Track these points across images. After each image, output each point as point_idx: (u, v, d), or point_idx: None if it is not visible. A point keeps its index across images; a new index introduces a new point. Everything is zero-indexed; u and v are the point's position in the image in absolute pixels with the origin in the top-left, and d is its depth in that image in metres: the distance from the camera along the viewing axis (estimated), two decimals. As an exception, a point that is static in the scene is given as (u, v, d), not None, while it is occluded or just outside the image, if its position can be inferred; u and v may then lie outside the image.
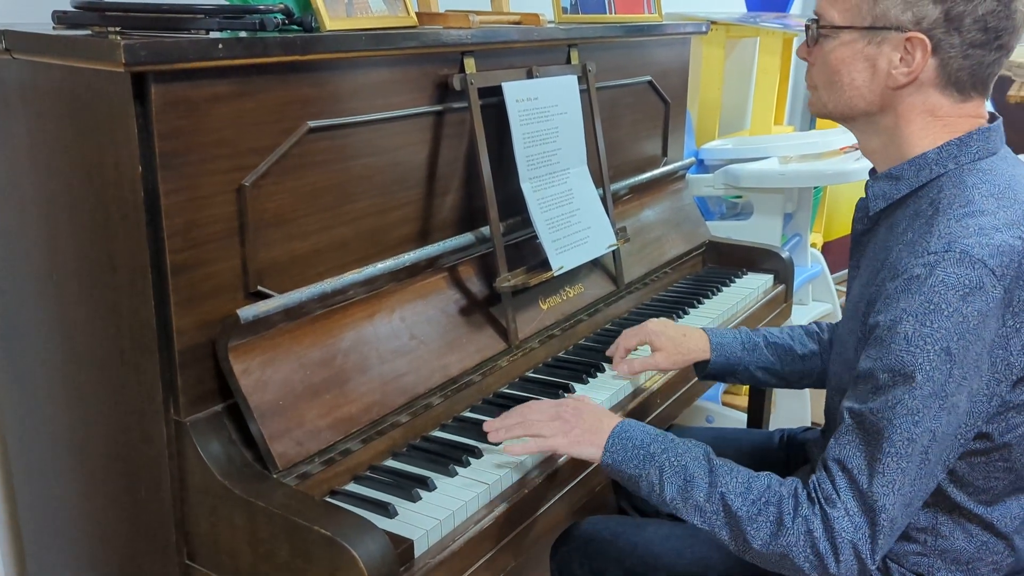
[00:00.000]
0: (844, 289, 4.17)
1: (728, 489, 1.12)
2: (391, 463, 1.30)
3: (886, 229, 1.20)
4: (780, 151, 2.62)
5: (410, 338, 1.39)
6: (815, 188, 3.07)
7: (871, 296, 1.14)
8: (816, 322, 1.56)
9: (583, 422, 1.24)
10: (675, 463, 1.15)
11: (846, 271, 4.75)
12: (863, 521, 1.06)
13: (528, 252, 1.64)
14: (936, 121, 1.14)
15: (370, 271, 1.34)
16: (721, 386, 2.72)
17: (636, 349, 1.62)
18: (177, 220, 1.10)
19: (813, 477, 1.11)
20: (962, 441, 1.09)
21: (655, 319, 1.60)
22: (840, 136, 2.69)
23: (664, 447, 1.17)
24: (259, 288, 1.21)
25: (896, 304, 1.05)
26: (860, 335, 1.16)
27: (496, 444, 1.29)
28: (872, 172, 1.24)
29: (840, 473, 1.08)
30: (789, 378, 1.54)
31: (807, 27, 1.21)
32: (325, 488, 1.22)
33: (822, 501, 1.08)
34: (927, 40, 1.10)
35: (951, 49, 1.10)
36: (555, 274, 1.59)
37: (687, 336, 1.55)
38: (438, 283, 1.48)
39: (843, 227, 4.31)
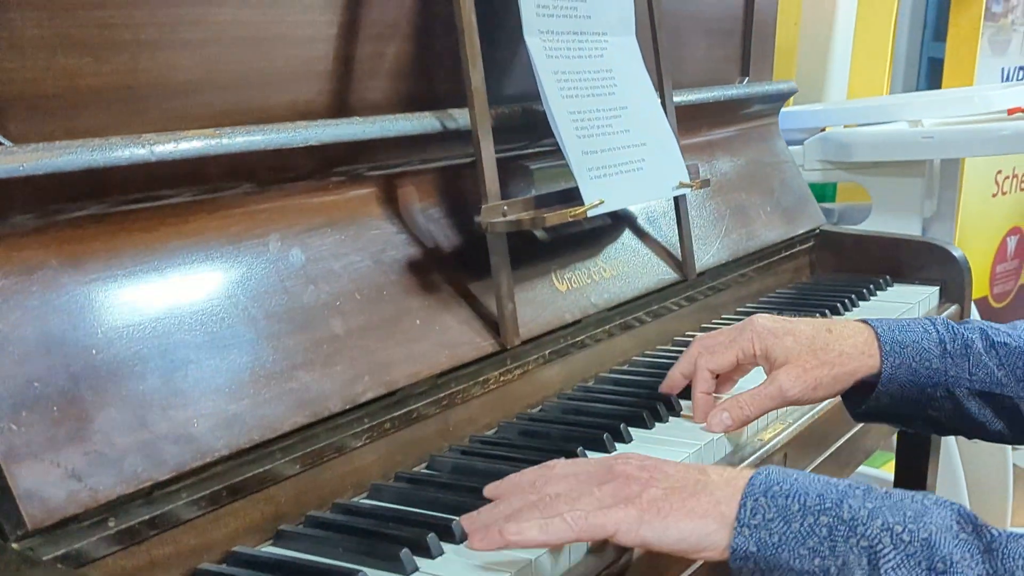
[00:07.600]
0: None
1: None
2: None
3: None
4: (908, 114, 1.89)
5: (307, 301, 0.71)
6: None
7: None
8: None
9: (668, 479, 0.62)
10: (904, 536, 0.55)
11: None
12: None
13: (538, 176, 0.96)
14: None
15: (218, 142, 0.66)
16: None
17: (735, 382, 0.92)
18: None
19: None
20: None
21: (761, 314, 0.88)
22: (1004, 93, 1.93)
23: (874, 504, 0.57)
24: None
25: None
26: None
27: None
28: None
29: None
30: None
31: None
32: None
33: None
34: None
35: None
36: (588, 213, 0.89)
37: (832, 332, 0.84)
38: (364, 202, 0.80)
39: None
